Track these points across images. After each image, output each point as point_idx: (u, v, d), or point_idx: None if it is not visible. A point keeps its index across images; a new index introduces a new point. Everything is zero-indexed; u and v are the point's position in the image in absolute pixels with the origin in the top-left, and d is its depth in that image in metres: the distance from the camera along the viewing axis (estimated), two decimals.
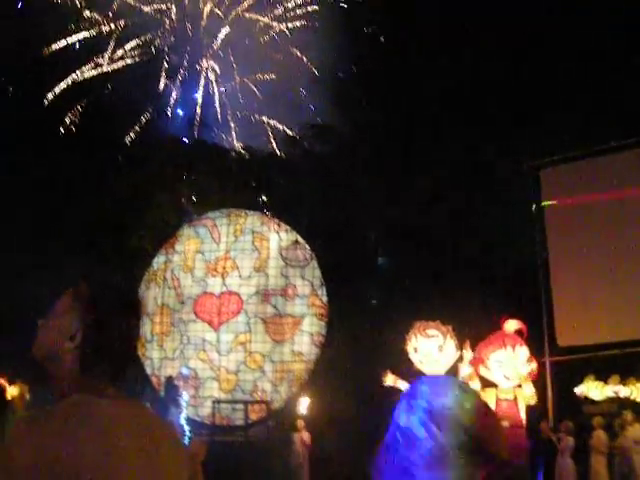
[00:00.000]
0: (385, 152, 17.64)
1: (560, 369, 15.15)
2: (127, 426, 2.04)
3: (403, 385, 9.87)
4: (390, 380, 9.90)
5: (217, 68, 20.33)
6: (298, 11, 19.77)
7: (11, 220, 16.92)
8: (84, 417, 2.01)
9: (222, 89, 20.30)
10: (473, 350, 9.25)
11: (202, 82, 20.39)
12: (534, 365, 8.76)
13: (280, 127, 19.34)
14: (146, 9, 19.57)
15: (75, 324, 2.11)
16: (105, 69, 19.49)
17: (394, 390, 9.91)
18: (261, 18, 19.82)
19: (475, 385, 8.63)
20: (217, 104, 20.24)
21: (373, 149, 18.08)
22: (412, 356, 10.28)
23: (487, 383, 9.14)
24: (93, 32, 19.40)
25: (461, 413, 1.68)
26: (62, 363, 2.09)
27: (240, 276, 18.37)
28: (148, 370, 18.51)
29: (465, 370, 8.57)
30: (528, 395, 8.83)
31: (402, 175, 17.33)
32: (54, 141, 18.02)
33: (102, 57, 19.61)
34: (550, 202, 16.23)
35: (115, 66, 19.67)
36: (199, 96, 20.36)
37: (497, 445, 1.72)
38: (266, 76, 19.87)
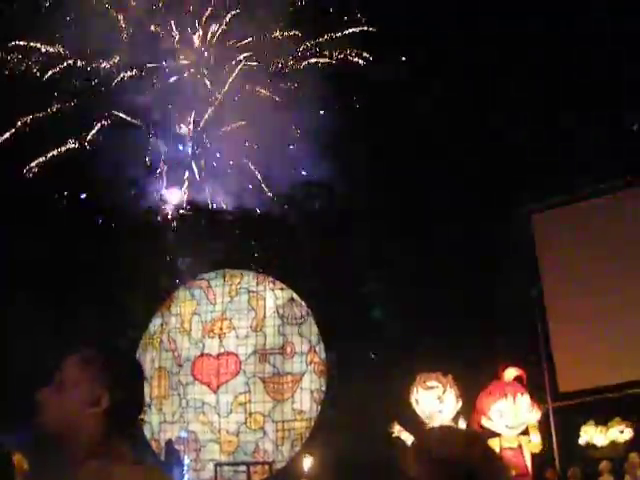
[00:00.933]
0: (378, 205, 17.75)
1: (563, 415, 15.05)
2: None
3: (406, 436, 9.83)
4: (397, 431, 9.87)
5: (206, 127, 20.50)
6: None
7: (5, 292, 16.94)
8: None
9: (212, 148, 20.43)
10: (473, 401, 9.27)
11: (191, 142, 20.55)
12: (538, 412, 8.76)
13: (273, 186, 19.44)
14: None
15: (96, 388, 2.09)
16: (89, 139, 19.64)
17: (398, 442, 9.87)
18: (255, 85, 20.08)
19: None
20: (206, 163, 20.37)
21: (367, 203, 18.19)
22: (415, 407, 10.28)
23: (490, 433, 9.10)
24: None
25: (469, 461, 1.68)
26: (83, 429, 2.07)
27: (237, 336, 18.32)
28: (147, 434, 18.33)
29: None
30: (536, 443, 8.79)
31: (396, 230, 17.41)
32: (43, 211, 18.10)
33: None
34: (544, 246, 16.34)
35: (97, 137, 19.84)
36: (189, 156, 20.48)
37: None
38: (258, 135, 20.04)
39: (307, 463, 16.07)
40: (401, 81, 17.55)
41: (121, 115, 19.74)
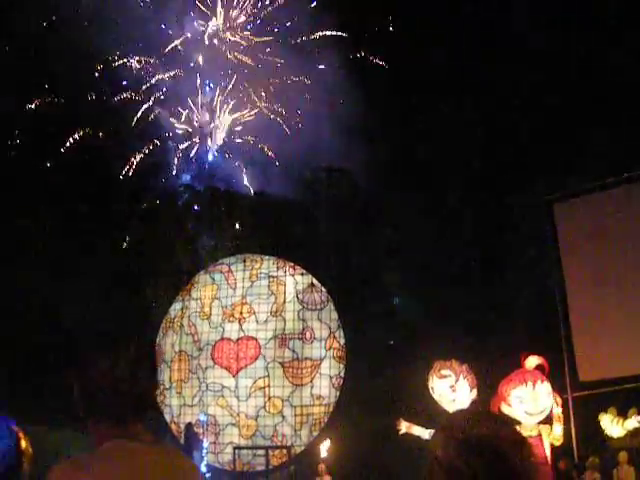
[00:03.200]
0: (400, 189, 17.70)
1: (583, 404, 15.00)
2: (164, 471, 2.07)
3: (418, 431, 9.84)
4: (404, 427, 9.88)
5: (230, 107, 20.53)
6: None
7: (28, 267, 17.07)
8: (122, 461, 2.04)
9: (236, 133, 20.47)
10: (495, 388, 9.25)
11: (215, 128, 20.58)
12: (558, 400, 8.73)
13: (295, 170, 19.44)
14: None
15: (119, 372, 2.14)
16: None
17: (410, 436, 9.87)
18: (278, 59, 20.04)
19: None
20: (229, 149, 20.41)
21: (388, 188, 18.16)
22: (433, 395, 10.28)
23: (510, 421, 9.10)
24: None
25: (497, 442, 1.69)
26: (105, 410, 2.12)
27: (257, 321, 18.37)
28: (167, 417, 18.48)
29: None
30: (557, 436, 8.77)
31: (417, 213, 17.37)
32: (71, 190, 18.19)
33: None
34: (565, 235, 16.23)
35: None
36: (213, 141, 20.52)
37: (532, 473, 1.73)
38: (280, 119, 20.05)
39: (325, 448, 16.11)
40: (419, 69, 17.47)
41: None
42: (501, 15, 16.48)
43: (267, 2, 20.08)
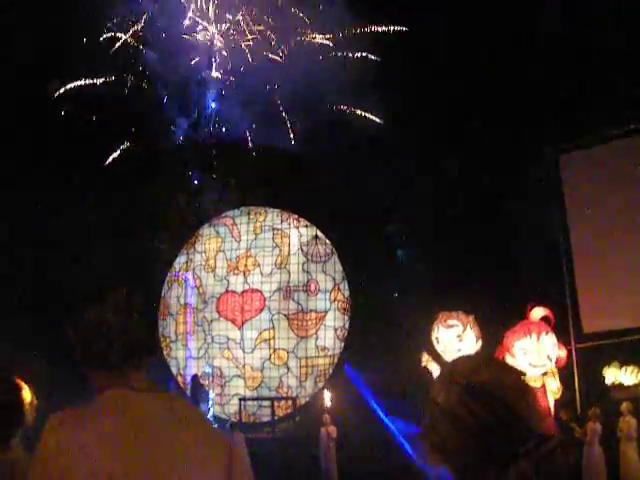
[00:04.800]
0: (405, 140, 17.56)
1: (586, 356, 15.05)
2: (163, 418, 2.07)
3: (433, 367, 9.91)
4: (425, 360, 9.95)
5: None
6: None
7: (42, 219, 17.12)
8: (121, 410, 2.04)
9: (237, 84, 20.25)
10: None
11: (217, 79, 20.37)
12: (562, 353, 8.76)
13: (297, 122, 19.27)
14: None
15: (108, 320, 2.15)
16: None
17: (425, 372, 9.95)
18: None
19: None
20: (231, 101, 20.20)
21: (393, 138, 18.01)
22: (436, 346, 10.32)
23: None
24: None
25: (500, 389, 1.66)
26: (99, 359, 2.14)
27: (262, 273, 18.42)
28: (173, 369, 18.65)
29: None
30: (553, 389, 8.82)
31: (422, 164, 17.25)
32: (76, 143, 18.08)
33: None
34: (571, 187, 16.15)
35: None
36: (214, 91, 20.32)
37: (536, 420, 1.69)
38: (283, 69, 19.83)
39: (330, 399, 16.24)
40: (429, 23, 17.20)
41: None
42: None
43: None
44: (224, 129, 19.85)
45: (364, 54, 19.01)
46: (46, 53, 17.03)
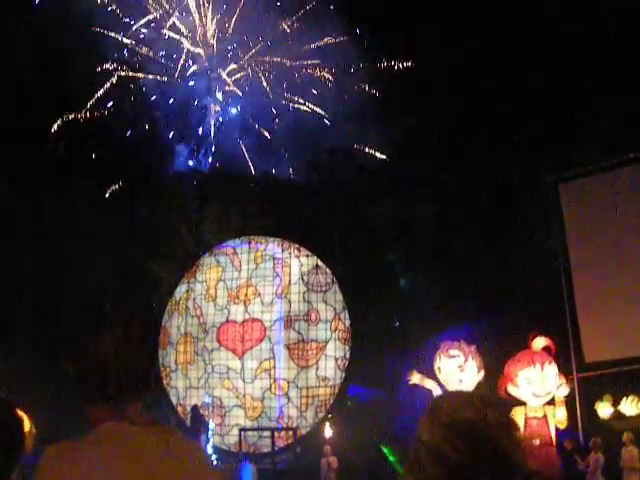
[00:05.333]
0: (403, 171, 17.66)
1: (588, 385, 14.99)
2: (159, 452, 2.06)
3: (430, 384, 9.86)
4: (416, 379, 9.90)
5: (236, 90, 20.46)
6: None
7: (46, 246, 17.15)
8: (117, 443, 2.03)
9: (239, 117, 20.42)
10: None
11: (218, 110, 20.52)
12: (564, 383, 8.73)
13: (299, 153, 19.39)
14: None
15: (106, 353, 2.15)
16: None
17: (420, 391, 9.90)
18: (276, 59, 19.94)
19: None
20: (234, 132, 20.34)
21: (392, 169, 18.12)
22: (438, 376, 10.29)
23: (516, 402, 9.09)
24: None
25: (484, 425, 1.66)
26: (101, 393, 2.13)
27: (262, 303, 18.37)
28: (173, 399, 18.53)
29: None
30: (561, 419, 8.77)
31: (422, 194, 17.33)
32: (79, 170, 18.18)
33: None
34: (571, 215, 16.17)
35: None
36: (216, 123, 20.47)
37: (522, 456, 1.69)
38: (283, 101, 20.00)
39: (330, 429, 16.15)
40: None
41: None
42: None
43: None
44: (225, 159, 19.97)
45: (366, 87, 19.16)
46: (48, 86, 17.21)
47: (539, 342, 8.86)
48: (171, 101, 19.89)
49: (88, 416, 2.18)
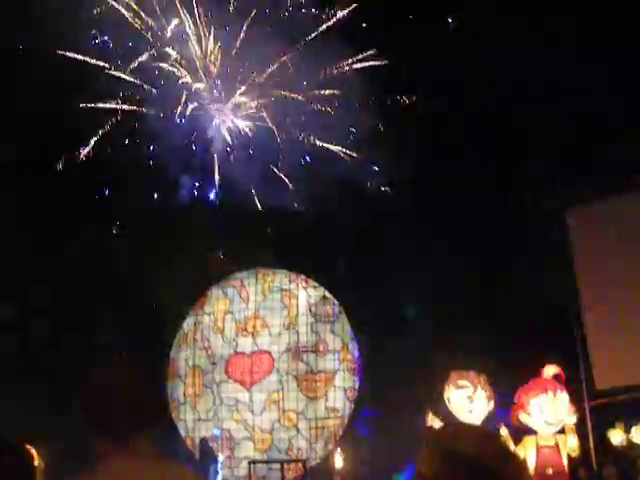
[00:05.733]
0: (411, 203, 17.70)
1: (599, 413, 14.88)
2: None
3: (438, 425, 9.79)
4: (430, 419, 9.84)
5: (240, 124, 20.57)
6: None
7: (42, 283, 17.19)
8: (124, 478, 2.03)
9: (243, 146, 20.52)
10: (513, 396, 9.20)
11: (224, 140, 20.63)
12: (573, 409, 8.68)
13: (306, 185, 19.46)
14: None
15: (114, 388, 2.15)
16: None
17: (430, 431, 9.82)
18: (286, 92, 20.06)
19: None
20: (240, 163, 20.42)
21: (401, 201, 18.17)
22: (448, 406, 10.23)
23: (527, 431, 9.03)
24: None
25: (484, 457, 1.65)
26: (108, 427, 2.14)
27: (270, 334, 18.36)
28: (182, 432, 18.47)
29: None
30: (573, 447, 8.71)
31: (429, 225, 17.35)
32: (82, 204, 18.28)
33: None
34: (579, 242, 16.12)
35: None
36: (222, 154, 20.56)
37: None
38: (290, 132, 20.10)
39: (341, 461, 16.05)
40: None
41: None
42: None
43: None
44: (231, 191, 20.03)
45: (374, 120, 19.24)
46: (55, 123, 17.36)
47: (550, 370, 8.83)
48: (174, 134, 19.99)
49: (95, 449, 2.18)
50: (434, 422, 9.92)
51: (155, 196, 19.94)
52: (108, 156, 19.52)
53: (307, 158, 19.79)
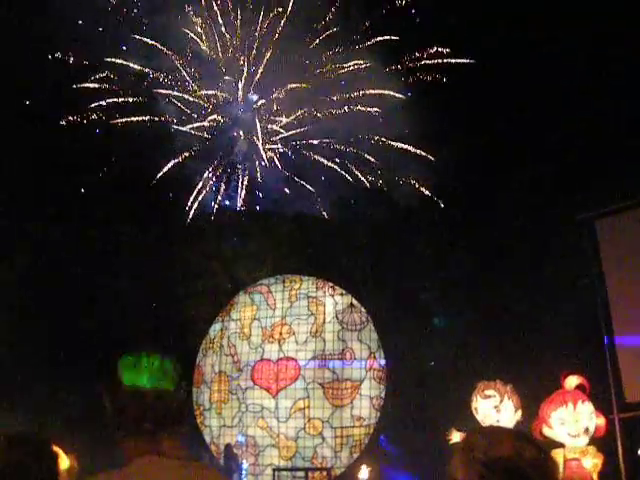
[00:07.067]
0: (439, 210, 17.63)
1: (630, 425, 14.63)
2: None
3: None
4: (456, 437, 9.71)
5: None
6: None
7: (75, 282, 17.35)
8: (153, 477, 2.01)
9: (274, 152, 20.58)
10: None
11: (255, 149, 20.72)
12: (600, 421, 8.51)
13: (333, 190, 19.48)
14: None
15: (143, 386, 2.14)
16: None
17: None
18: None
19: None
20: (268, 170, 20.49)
21: (428, 209, 18.09)
22: (476, 416, 10.10)
23: (554, 443, 8.89)
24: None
25: (520, 463, 1.58)
26: (133, 425, 2.12)
27: (297, 342, 18.32)
28: (207, 438, 18.50)
29: None
30: (598, 460, 8.54)
31: (457, 232, 17.25)
32: (112, 213, 18.43)
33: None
34: (608, 251, 15.91)
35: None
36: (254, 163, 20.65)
37: None
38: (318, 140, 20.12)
39: (365, 470, 15.93)
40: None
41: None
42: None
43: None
44: (260, 196, 20.10)
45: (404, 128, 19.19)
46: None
47: (572, 381, 8.67)
48: (200, 140, 20.15)
49: (124, 450, 2.17)
50: (455, 437, 9.79)
51: (188, 203, 20.07)
52: (141, 162, 19.70)
53: (335, 166, 19.79)
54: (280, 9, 19.26)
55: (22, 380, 15.67)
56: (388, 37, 18.83)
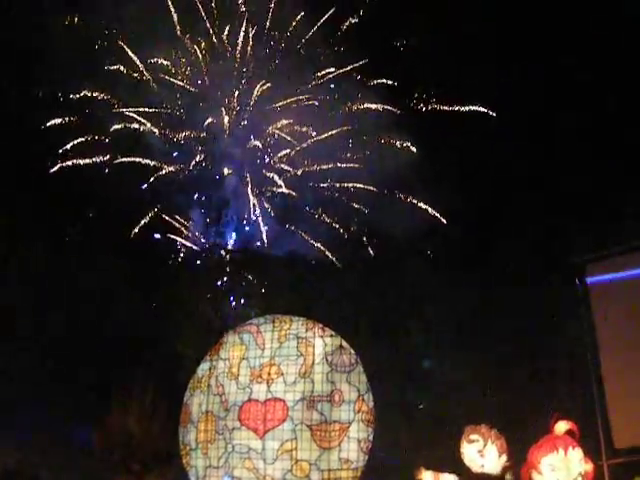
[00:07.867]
0: (428, 251, 17.71)
1: (618, 472, 14.57)
2: None
3: (446, 478, 9.59)
4: (428, 476, 9.64)
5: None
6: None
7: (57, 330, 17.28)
8: None
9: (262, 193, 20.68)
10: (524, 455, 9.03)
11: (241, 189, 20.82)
12: (589, 467, 8.49)
13: (324, 231, 19.55)
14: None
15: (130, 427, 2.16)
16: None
17: None
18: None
19: None
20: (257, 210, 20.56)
21: (417, 249, 18.18)
22: (464, 461, 10.06)
23: None
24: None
25: None
26: (124, 467, 2.14)
27: (285, 382, 18.18)
28: (192, 479, 18.27)
29: None
30: None
31: (446, 276, 17.32)
32: (99, 251, 18.45)
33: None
34: (598, 300, 15.98)
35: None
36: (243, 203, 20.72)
37: None
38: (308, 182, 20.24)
39: None
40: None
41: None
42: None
43: None
44: (248, 237, 20.16)
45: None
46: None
47: (561, 426, 8.66)
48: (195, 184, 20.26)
49: None
50: (438, 478, 9.75)
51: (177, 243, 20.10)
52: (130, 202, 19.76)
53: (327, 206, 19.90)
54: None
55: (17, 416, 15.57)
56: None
